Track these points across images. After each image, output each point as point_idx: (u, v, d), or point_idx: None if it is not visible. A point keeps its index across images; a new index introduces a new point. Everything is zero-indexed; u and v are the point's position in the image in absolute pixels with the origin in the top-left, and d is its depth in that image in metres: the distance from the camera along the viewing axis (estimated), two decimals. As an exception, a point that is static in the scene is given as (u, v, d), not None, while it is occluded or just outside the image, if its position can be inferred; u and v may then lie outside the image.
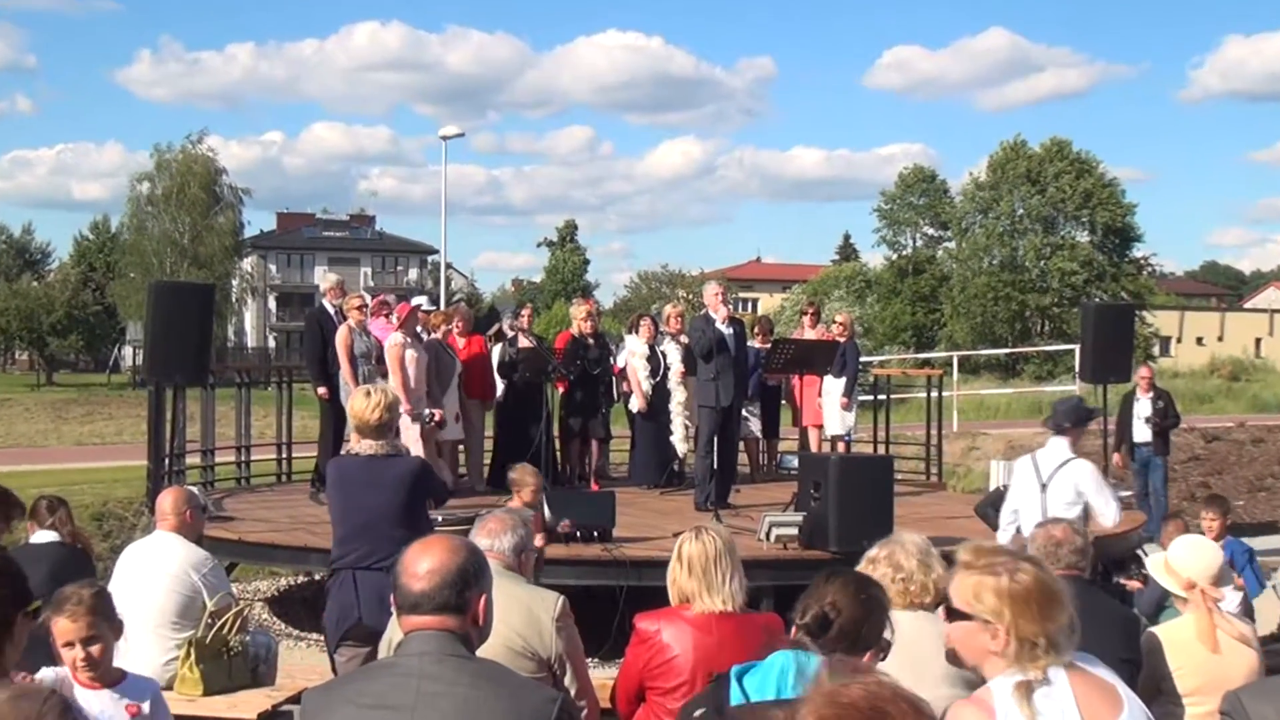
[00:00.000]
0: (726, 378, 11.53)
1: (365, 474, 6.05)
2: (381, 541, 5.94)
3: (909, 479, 15.42)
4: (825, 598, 3.47)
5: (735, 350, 11.69)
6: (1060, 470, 7.59)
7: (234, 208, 60.32)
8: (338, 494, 6.16)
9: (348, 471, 6.13)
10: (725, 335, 11.58)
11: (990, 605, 2.98)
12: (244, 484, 14.36)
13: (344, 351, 12.03)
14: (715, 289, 12.00)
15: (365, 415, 6.05)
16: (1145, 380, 15.44)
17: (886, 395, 16.81)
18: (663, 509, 11.99)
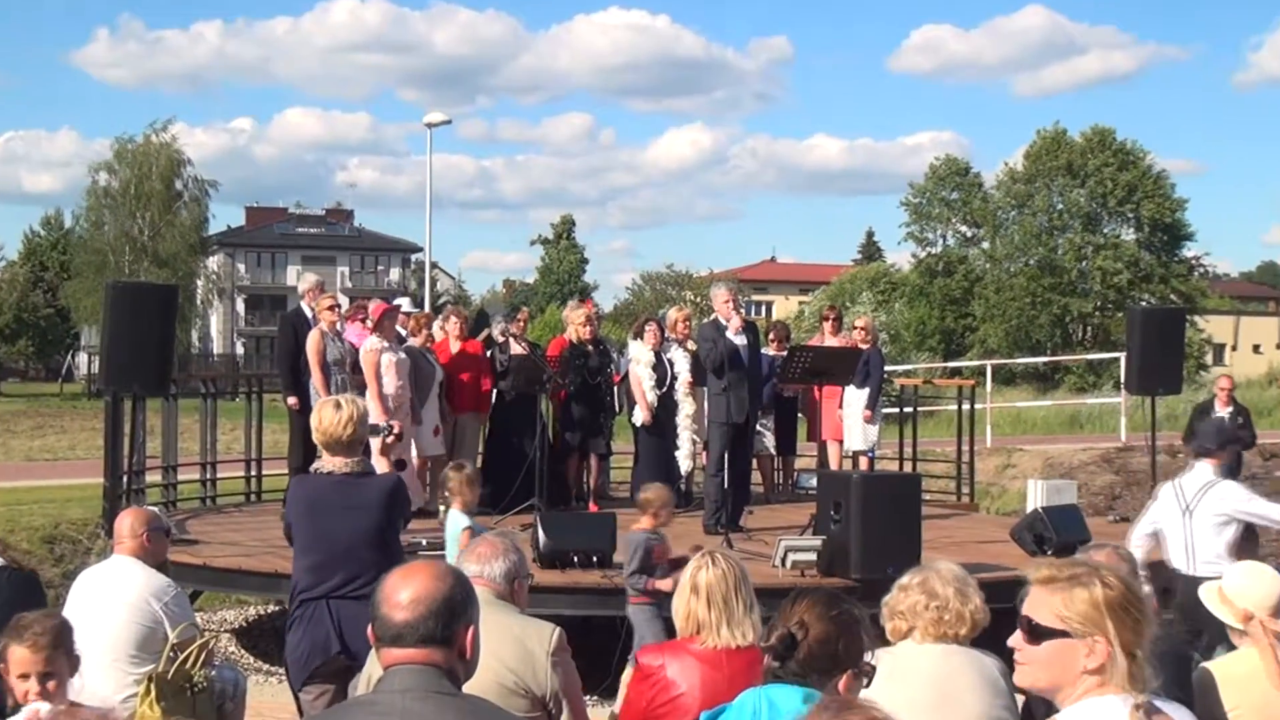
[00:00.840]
0: (739, 391, 11.51)
1: (339, 495, 6.03)
2: (361, 567, 5.93)
3: (938, 499, 15.40)
4: (791, 618, 3.48)
5: (749, 361, 11.67)
6: (1205, 494, 7.94)
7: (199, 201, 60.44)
8: (307, 517, 6.14)
9: (319, 492, 6.11)
10: (738, 345, 11.56)
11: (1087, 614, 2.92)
12: (210, 504, 14.36)
13: (315, 358, 12.04)
14: (725, 294, 12.00)
15: (334, 430, 6.03)
16: (1225, 392, 15.33)
17: (913, 407, 16.81)
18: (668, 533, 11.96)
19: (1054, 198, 59.65)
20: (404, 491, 6.36)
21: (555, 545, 9.66)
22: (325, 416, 6.06)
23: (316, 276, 13.86)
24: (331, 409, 6.08)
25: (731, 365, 11.49)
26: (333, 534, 6.03)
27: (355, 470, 6.07)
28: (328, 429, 6.04)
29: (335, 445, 6.05)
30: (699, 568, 4.47)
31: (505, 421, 13.27)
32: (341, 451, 6.06)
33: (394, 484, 6.26)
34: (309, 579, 6.09)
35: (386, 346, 12.04)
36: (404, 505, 6.30)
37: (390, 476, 6.49)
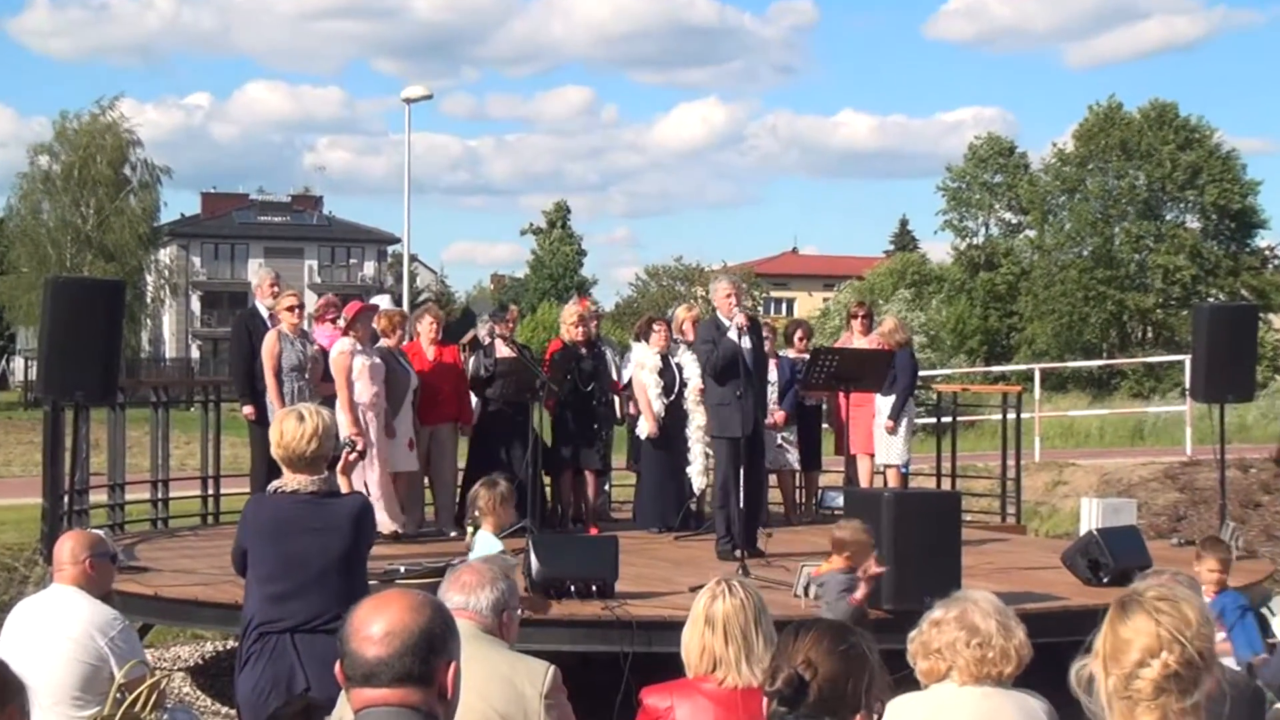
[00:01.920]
0: (745, 400, 11.47)
1: (304, 517, 6.03)
2: (331, 598, 5.93)
3: (980, 520, 15.37)
4: (796, 656, 3.46)
5: (754, 365, 11.63)
6: None
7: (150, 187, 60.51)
8: (270, 541, 6.13)
9: (281, 514, 6.10)
10: (741, 347, 11.50)
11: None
12: (161, 527, 14.36)
13: (269, 362, 12.06)
14: (727, 287, 11.95)
15: (296, 445, 6.02)
16: None
17: (952, 417, 16.79)
18: (676, 558, 11.98)
19: (1109, 181, 59.66)
20: (372, 515, 6.37)
21: (550, 572, 9.63)
22: (287, 430, 6.04)
23: (271, 270, 13.85)
24: (294, 421, 6.06)
25: (734, 370, 11.43)
26: (300, 559, 6.02)
27: (321, 489, 6.07)
28: (289, 444, 6.03)
29: (297, 462, 6.05)
30: (713, 597, 4.46)
31: (491, 433, 13.27)
32: (304, 469, 6.06)
33: (362, 506, 6.27)
34: (270, 610, 6.07)
35: (359, 349, 12.04)
36: (372, 531, 6.31)
37: (358, 498, 6.51)
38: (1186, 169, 58.37)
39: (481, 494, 8.31)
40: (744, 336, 11.48)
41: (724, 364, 11.44)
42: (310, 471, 6.06)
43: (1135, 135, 59.08)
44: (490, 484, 8.45)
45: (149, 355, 73.60)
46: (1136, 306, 58.36)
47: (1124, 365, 51.92)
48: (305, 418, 6.07)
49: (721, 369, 11.47)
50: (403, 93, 35.45)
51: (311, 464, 6.05)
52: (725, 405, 11.55)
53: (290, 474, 6.10)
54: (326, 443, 6.08)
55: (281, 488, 6.13)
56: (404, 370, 12.68)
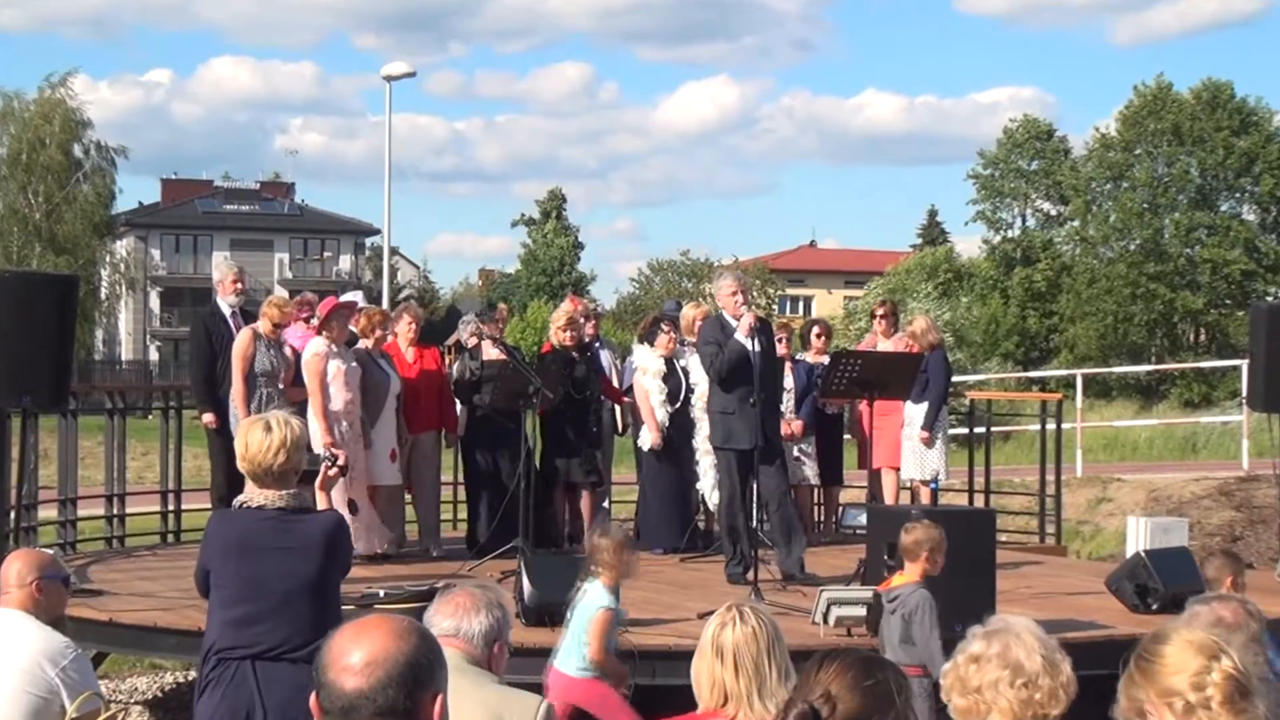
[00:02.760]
0: (747, 410, 11.38)
1: (272, 535, 6.04)
2: (298, 624, 5.93)
3: (1016, 540, 15.36)
4: (815, 689, 3.44)
5: (762, 369, 11.56)
6: None
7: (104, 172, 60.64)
8: (233, 560, 6.12)
9: (247, 531, 6.10)
10: (748, 350, 11.46)
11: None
12: (117, 546, 14.36)
13: (239, 364, 12.05)
14: (732, 284, 11.91)
15: (262, 457, 6.02)
16: None
17: (986, 427, 16.78)
18: (684, 581, 11.99)
19: (1158, 168, 59.64)
20: (347, 535, 6.36)
21: (544, 597, 9.64)
22: (252, 440, 6.05)
23: (234, 264, 13.84)
24: (260, 431, 6.06)
25: (742, 375, 11.41)
26: (265, 581, 6.02)
27: (290, 505, 6.07)
28: (254, 456, 6.03)
29: (264, 475, 6.05)
30: (722, 625, 4.45)
31: (478, 444, 13.27)
32: (272, 483, 6.06)
33: (336, 524, 6.26)
34: (230, 635, 6.08)
35: (335, 351, 12.04)
36: (347, 552, 6.30)
37: (331, 515, 6.48)
38: (1242, 156, 58.33)
39: (603, 544, 8.17)
40: (753, 338, 11.47)
41: (730, 368, 11.42)
42: (278, 486, 6.06)
43: (1186, 118, 59.03)
44: (606, 532, 8.37)
45: (103, 357, 73.65)
46: (1186, 306, 58.28)
47: (1174, 370, 51.89)
48: (273, 428, 6.07)
49: (728, 373, 11.46)
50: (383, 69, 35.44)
51: (279, 478, 6.05)
52: (730, 414, 11.51)
53: (256, 488, 6.10)
54: (295, 455, 6.08)
55: (246, 503, 6.14)
56: (384, 374, 12.67)
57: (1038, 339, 62.41)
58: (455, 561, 12.39)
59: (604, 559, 8.12)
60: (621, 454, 15.69)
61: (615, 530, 8.58)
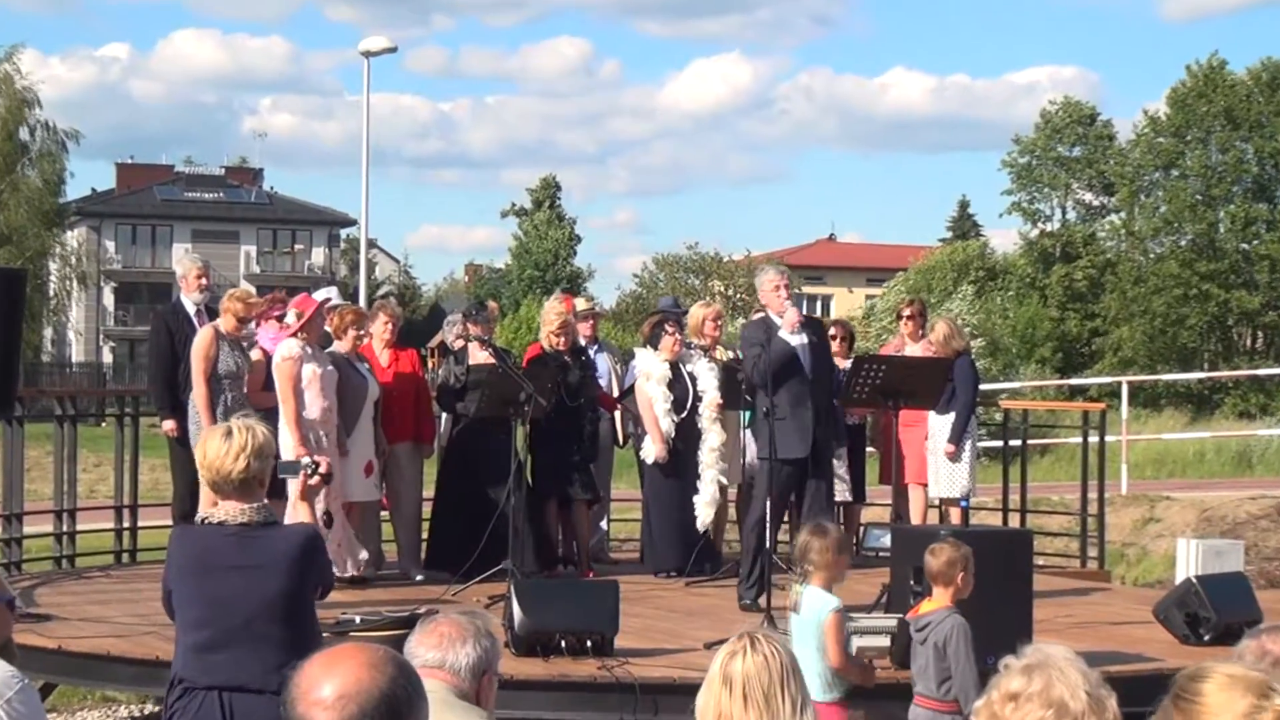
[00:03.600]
0: (800, 414, 11.45)
1: (234, 552, 6.06)
2: (264, 651, 5.95)
3: (1055, 564, 15.37)
4: None
5: (813, 368, 11.60)
6: None
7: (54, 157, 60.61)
8: (192, 580, 6.17)
9: (207, 548, 6.13)
10: (795, 348, 11.52)
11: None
12: (66, 566, 14.36)
13: (201, 364, 12.04)
14: (776, 278, 11.96)
15: (222, 464, 6.04)
16: None
17: (1021, 440, 16.78)
18: (689, 608, 12.02)
19: (1211, 155, 59.61)
20: (321, 548, 6.37)
21: (536, 624, 9.64)
22: (211, 448, 6.08)
23: (199, 258, 13.84)
24: (219, 438, 6.09)
25: (789, 376, 11.43)
26: (226, 602, 6.06)
27: (255, 519, 6.09)
28: (214, 464, 6.06)
29: (225, 485, 6.08)
30: (732, 654, 4.46)
31: (463, 456, 13.27)
32: (234, 494, 6.08)
33: (307, 537, 6.29)
34: (194, 663, 6.12)
35: (310, 354, 12.03)
36: (321, 567, 6.32)
37: (303, 528, 6.50)
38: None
39: (814, 544, 8.21)
40: (800, 333, 11.53)
41: (777, 369, 11.42)
42: (241, 497, 6.08)
43: (1242, 101, 59.03)
44: (820, 531, 8.37)
45: (52, 359, 73.66)
46: (1242, 307, 58.22)
47: (1229, 378, 51.84)
48: (233, 433, 6.10)
49: (774, 375, 11.44)
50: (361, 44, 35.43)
51: (242, 488, 6.08)
52: (780, 419, 11.46)
53: (218, 500, 6.12)
54: (259, 463, 6.10)
55: (209, 518, 6.16)
56: (360, 379, 12.67)
57: (1079, 343, 62.35)
58: (438, 586, 12.38)
59: (816, 559, 8.16)
60: (622, 467, 15.70)
61: (830, 529, 8.56)
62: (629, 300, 73.92)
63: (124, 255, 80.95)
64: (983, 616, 8.94)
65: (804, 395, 11.47)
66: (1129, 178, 61.98)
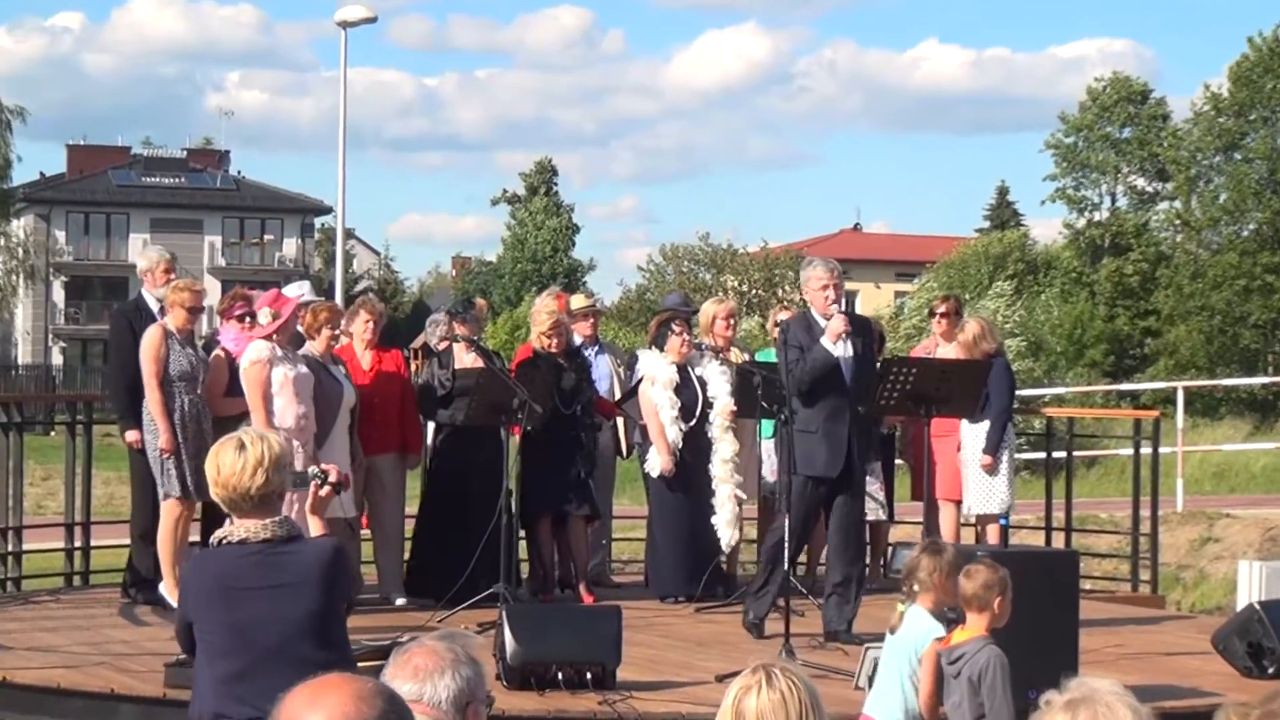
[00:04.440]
0: (834, 430, 11.45)
1: (259, 572, 6.11)
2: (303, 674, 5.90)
3: (1103, 589, 15.36)
4: None
5: (854, 382, 11.55)
6: None
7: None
8: (219, 606, 6.17)
9: (232, 572, 6.15)
10: (838, 358, 11.50)
11: None
12: (12, 590, 14.36)
13: (151, 366, 12.03)
14: (824, 276, 11.81)
15: (238, 480, 6.06)
16: None
17: (1066, 451, 16.77)
18: (700, 637, 12.02)
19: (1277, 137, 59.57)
20: (347, 561, 6.43)
21: (530, 655, 9.65)
22: (224, 463, 6.10)
23: (165, 250, 13.83)
24: (231, 451, 6.12)
25: (827, 388, 11.45)
26: (257, 627, 6.10)
27: (279, 534, 6.13)
28: (229, 480, 6.09)
29: (242, 503, 6.11)
30: (746, 688, 4.46)
31: (449, 469, 13.27)
32: (252, 511, 6.12)
33: (335, 549, 6.36)
34: (227, 696, 6.15)
35: (281, 356, 12.03)
36: (348, 581, 6.37)
37: (328, 541, 6.56)
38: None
39: (924, 562, 8.22)
40: (845, 342, 11.51)
41: (813, 379, 11.44)
42: (260, 514, 6.12)
43: (1312, 77, 59.01)
44: (935, 548, 8.36)
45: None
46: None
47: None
48: (246, 445, 6.14)
49: (811, 384, 11.47)
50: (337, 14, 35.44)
51: (261, 504, 6.11)
52: (811, 432, 11.50)
53: (235, 520, 6.15)
54: (277, 476, 6.14)
55: (226, 538, 6.20)
56: (335, 383, 12.65)
57: (1130, 344, 62.30)
58: (421, 612, 12.38)
59: (924, 578, 8.16)
60: (625, 481, 15.69)
61: (946, 547, 8.55)
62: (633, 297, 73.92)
63: (75, 246, 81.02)
64: (1022, 647, 8.94)
65: (841, 410, 11.46)
66: (1185, 162, 61.91)
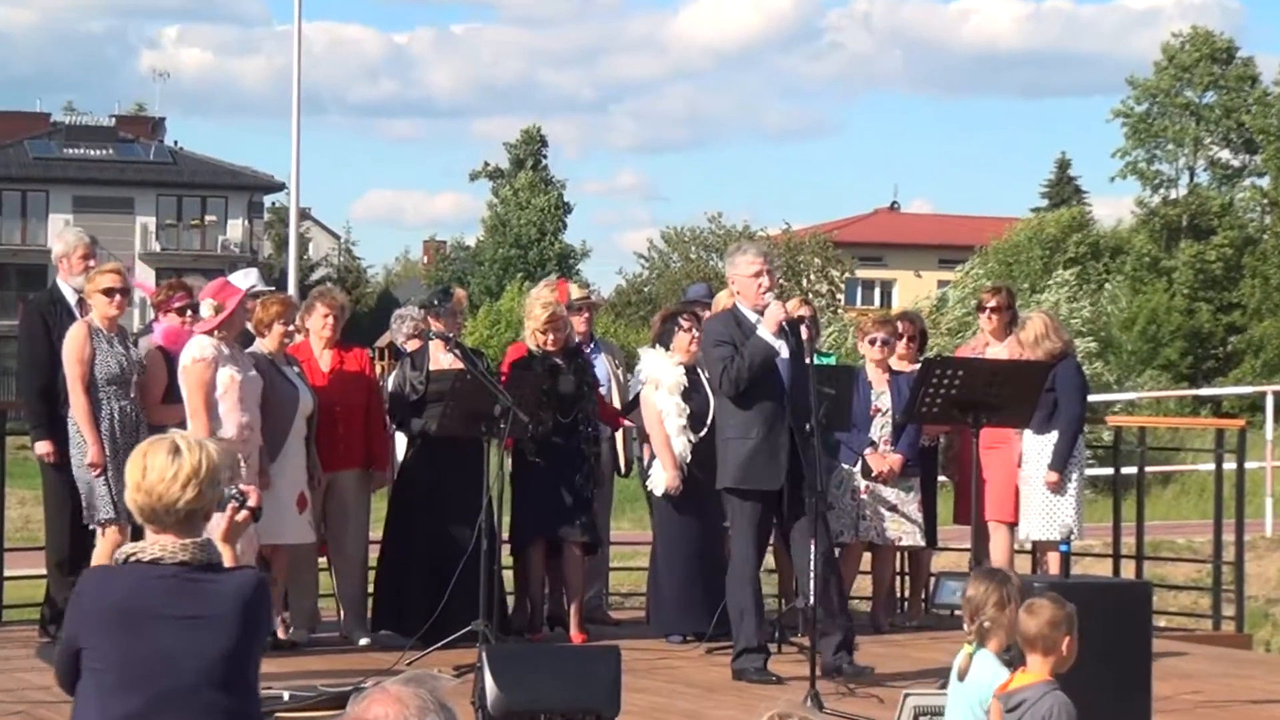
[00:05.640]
0: (774, 437, 11.53)
1: (172, 599, 6.03)
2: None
3: (1180, 625, 15.37)
4: None
5: (791, 383, 11.64)
6: None
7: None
8: (116, 634, 6.11)
9: (139, 593, 6.09)
10: (775, 351, 11.59)
11: None
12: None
13: (75, 369, 12.01)
14: (755, 262, 11.98)
15: (167, 491, 6.01)
16: None
17: (1138, 467, 16.79)
18: (710, 682, 12.04)
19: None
20: (269, 600, 6.37)
21: (515, 702, 9.67)
22: (154, 465, 6.02)
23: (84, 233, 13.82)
24: (164, 455, 6.04)
25: (764, 387, 11.54)
26: (165, 661, 6.03)
27: (198, 558, 6.09)
28: (154, 488, 6.01)
29: (164, 516, 6.04)
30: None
31: (422, 486, 13.29)
32: (174, 527, 6.06)
33: (256, 584, 6.25)
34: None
35: (227, 355, 12.04)
36: (269, 621, 6.32)
37: (250, 573, 6.50)
38: None
39: (992, 595, 8.18)
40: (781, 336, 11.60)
41: (752, 376, 11.51)
42: (181, 532, 6.07)
43: None
44: (998, 578, 8.32)
45: (-106, 361, 73.83)
46: None
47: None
48: (182, 451, 6.05)
49: (749, 385, 11.54)
50: (290, -40, 35.54)
51: (185, 521, 6.06)
52: (746, 439, 11.62)
53: (154, 532, 6.10)
54: (211, 492, 6.08)
55: (136, 555, 6.12)
56: (289, 387, 12.69)
57: (1211, 342, 62.35)
58: (389, 653, 12.38)
59: (994, 615, 8.12)
60: (625, 501, 15.70)
61: (1010, 576, 8.50)
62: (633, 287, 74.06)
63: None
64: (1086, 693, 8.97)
65: (780, 414, 11.54)
66: (1276, 131, 62.00)
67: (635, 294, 72.69)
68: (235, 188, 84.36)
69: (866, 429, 13.99)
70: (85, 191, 79.98)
